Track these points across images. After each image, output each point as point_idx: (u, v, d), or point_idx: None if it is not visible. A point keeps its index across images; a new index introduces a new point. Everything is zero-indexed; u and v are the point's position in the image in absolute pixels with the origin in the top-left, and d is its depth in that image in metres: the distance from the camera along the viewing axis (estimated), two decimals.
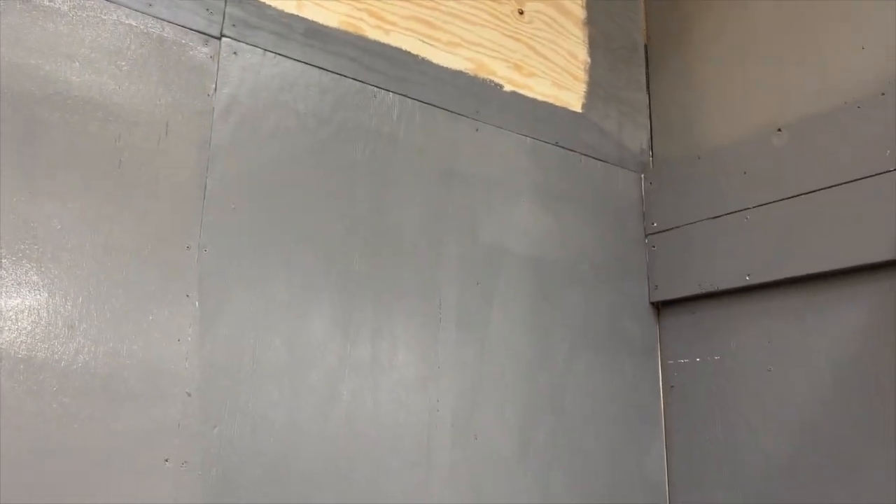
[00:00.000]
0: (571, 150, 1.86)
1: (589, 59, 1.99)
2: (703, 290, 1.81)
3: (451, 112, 1.64)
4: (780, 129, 1.72)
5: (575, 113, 1.91)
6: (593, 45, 2.01)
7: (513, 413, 1.57)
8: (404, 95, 1.57)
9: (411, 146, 1.55)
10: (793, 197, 1.65)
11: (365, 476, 1.33)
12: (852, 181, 1.55)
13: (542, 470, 1.58)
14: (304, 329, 1.32)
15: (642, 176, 2.03)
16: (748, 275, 1.72)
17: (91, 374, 1.10)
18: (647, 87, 2.13)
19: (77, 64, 1.19)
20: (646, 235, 1.98)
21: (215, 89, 1.32)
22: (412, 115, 1.57)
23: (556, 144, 1.83)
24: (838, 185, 1.58)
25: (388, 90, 1.55)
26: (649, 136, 2.08)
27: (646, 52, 2.16)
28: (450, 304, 1.53)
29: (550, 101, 1.86)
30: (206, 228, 1.25)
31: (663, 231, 1.95)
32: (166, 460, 1.13)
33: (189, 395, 1.17)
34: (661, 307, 1.94)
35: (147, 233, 1.20)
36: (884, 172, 1.50)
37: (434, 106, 1.61)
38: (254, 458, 1.21)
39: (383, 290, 1.44)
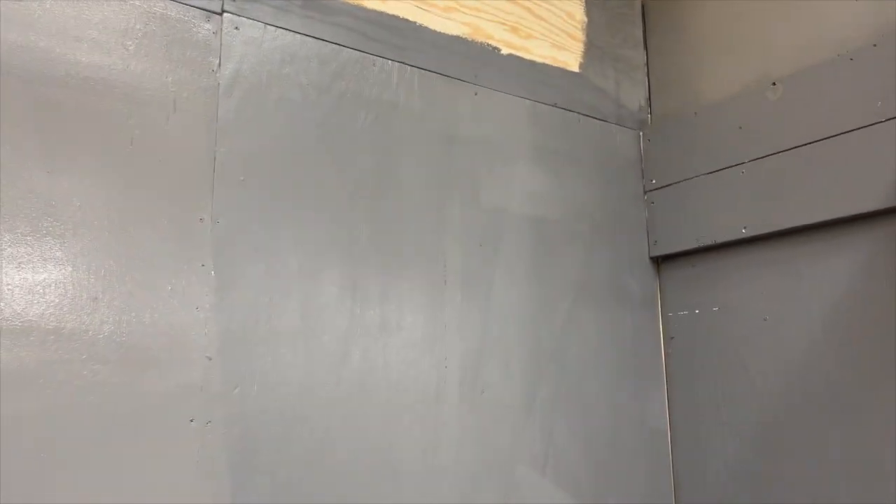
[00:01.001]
0: (570, 111, 1.89)
1: (586, 19, 2.01)
2: (701, 244, 1.86)
3: (450, 77, 1.67)
4: (774, 83, 1.74)
5: (573, 73, 1.93)
6: (590, 4, 2.02)
7: (518, 368, 1.64)
8: (403, 63, 1.60)
9: (411, 112, 1.59)
10: (787, 150, 1.69)
11: (377, 431, 1.40)
12: (844, 133, 1.58)
13: (546, 421, 1.66)
14: (314, 294, 1.38)
15: (641, 133, 2.06)
16: (744, 228, 1.76)
17: (117, 343, 1.17)
18: (645, 44, 2.15)
19: (85, 45, 1.23)
20: (645, 192, 2.03)
21: (219, 65, 1.36)
22: (411, 82, 1.60)
23: (555, 105, 1.86)
24: (831, 137, 1.61)
25: (388, 58, 1.58)
26: (647, 93, 2.11)
27: (642, 8, 2.17)
28: (454, 267, 1.59)
29: (548, 62, 1.88)
30: (218, 201, 1.31)
31: (662, 187, 1.99)
32: (192, 420, 1.21)
33: (210, 359, 1.24)
34: (661, 262, 2.00)
35: (161, 207, 1.25)
36: (875, 123, 1.53)
37: (433, 72, 1.64)
38: (273, 417, 1.28)
39: (389, 255, 1.49)
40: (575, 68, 1.95)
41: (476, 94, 1.71)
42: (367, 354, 1.42)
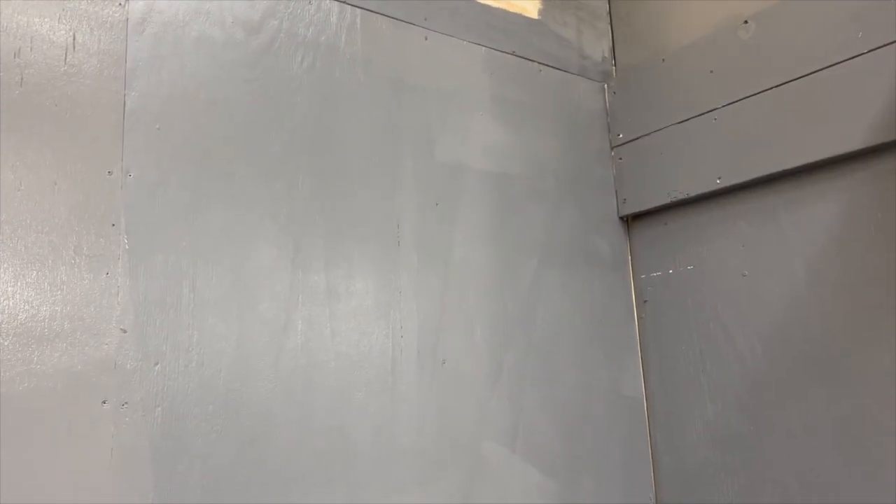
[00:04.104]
0: (529, 60, 1.75)
1: None
2: (674, 199, 1.73)
3: (397, 20, 1.52)
4: (746, 21, 1.62)
5: (531, 20, 1.79)
6: None
7: (482, 335, 1.50)
8: (343, 2, 1.44)
9: (354, 57, 1.43)
10: (762, 91, 1.57)
11: (326, 408, 1.25)
12: (824, 69, 1.47)
13: (514, 392, 1.52)
14: (247, 257, 1.22)
15: (605, 85, 1.93)
16: (719, 178, 1.65)
17: (10, 314, 1.00)
18: None
19: None
20: (612, 147, 1.90)
21: None
22: (353, 24, 1.44)
23: (513, 54, 1.72)
24: (809, 74, 1.49)
25: None
26: (611, 43, 1.98)
27: None
28: (408, 227, 1.44)
29: (503, 6, 1.74)
30: (129, 152, 1.14)
31: (630, 141, 1.86)
32: (104, 402, 1.04)
33: (124, 331, 1.07)
34: (631, 221, 1.87)
35: (61, 159, 1.08)
36: (856, 56, 1.42)
37: (377, 13, 1.49)
38: (203, 395, 1.13)
39: (334, 213, 1.34)
40: (534, 14, 1.80)
41: (426, 39, 1.56)
42: (313, 323, 1.27)
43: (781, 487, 1.50)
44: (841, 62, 1.44)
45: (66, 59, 1.11)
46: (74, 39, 1.12)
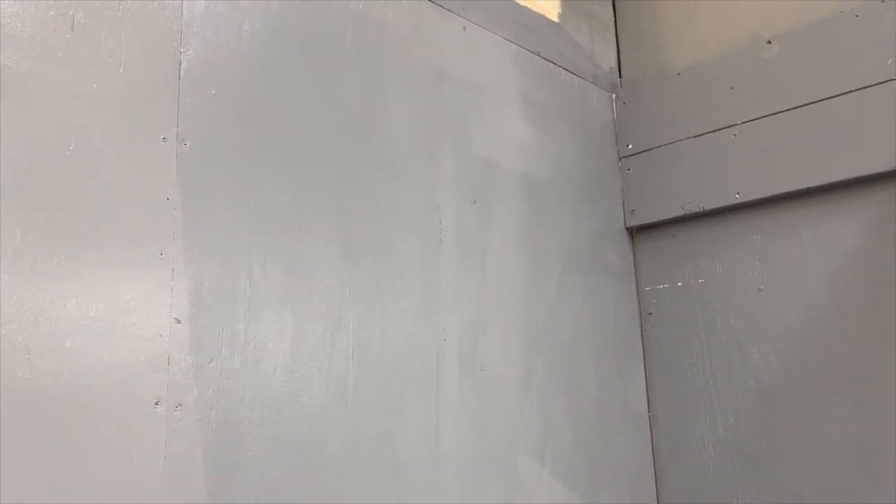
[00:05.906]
0: (551, 62, 1.72)
1: None
2: (688, 212, 1.74)
3: (437, 4, 1.44)
4: (769, 41, 1.65)
5: (553, 23, 1.76)
6: None
7: (514, 342, 1.43)
8: None
9: (399, 38, 1.34)
10: (785, 111, 1.60)
11: (375, 413, 1.14)
12: (850, 92, 1.51)
13: (543, 402, 1.46)
14: (300, 245, 1.10)
15: (613, 96, 1.92)
16: (738, 192, 1.66)
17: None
18: (613, 3, 2.01)
19: None
20: (619, 158, 1.89)
21: None
22: (399, 3, 1.35)
23: (538, 54, 1.68)
24: (835, 96, 1.53)
25: None
26: (616, 54, 1.97)
27: None
28: (449, 224, 1.36)
29: (530, 5, 1.70)
30: (185, 117, 1.00)
31: (639, 153, 1.85)
32: (157, 403, 0.89)
33: (178, 321, 0.93)
34: (636, 232, 1.86)
35: (112, 119, 0.93)
36: (885, 82, 1.47)
37: None
38: (258, 397, 0.99)
39: (380, 202, 1.24)
40: (554, 18, 1.77)
41: (464, 29, 1.49)
42: (364, 321, 1.16)
43: (797, 500, 1.51)
44: (868, 87, 1.49)
45: (119, 6, 0.96)
46: None
